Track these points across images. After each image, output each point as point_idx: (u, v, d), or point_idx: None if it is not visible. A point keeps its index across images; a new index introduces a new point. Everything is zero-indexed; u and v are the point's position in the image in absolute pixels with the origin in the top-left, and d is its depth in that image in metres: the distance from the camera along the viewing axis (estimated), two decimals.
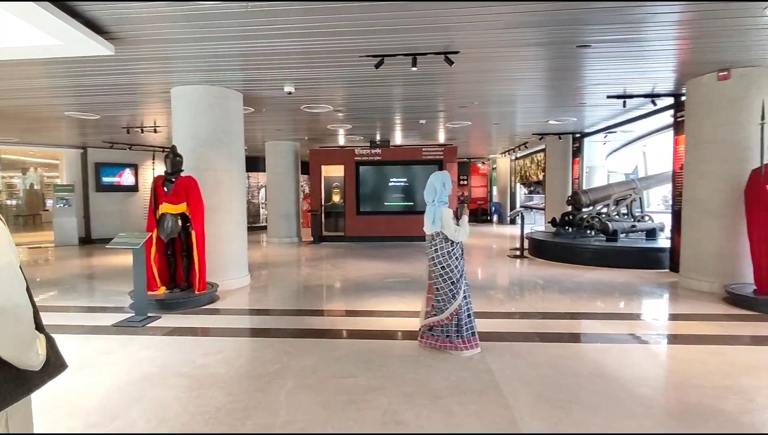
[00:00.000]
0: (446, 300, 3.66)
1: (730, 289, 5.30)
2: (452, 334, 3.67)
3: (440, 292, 3.68)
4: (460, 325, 3.66)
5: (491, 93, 7.13)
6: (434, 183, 3.69)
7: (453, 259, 3.63)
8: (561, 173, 12.42)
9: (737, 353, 3.65)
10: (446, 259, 3.62)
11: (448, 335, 3.68)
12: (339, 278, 7.33)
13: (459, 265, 3.66)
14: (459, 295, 3.63)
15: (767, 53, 5.10)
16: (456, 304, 3.62)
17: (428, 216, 3.69)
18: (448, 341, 3.68)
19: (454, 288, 3.63)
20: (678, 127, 6.96)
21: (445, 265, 3.62)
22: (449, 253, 3.62)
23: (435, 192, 3.67)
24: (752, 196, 5.14)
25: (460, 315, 3.65)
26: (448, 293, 3.65)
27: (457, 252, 3.68)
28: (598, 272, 7.35)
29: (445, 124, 10.30)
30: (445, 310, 3.67)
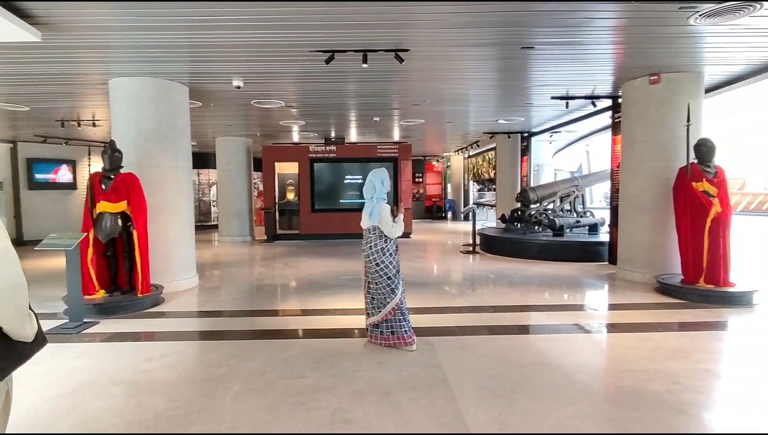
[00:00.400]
0: (385, 295, 3.70)
1: (660, 279, 5.69)
2: (396, 329, 3.71)
3: (378, 288, 3.72)
4: (403, 320, 3.71)
5: (443, 91, 7.25)
6: (373, 180, 3.74)
7: (387, 255, 3.67)
8: (510, 171, 12.85)
9: (665, 339, 3.93)
10: (380, 256, 3.65)
11: (393, 332, 3.72)
12: (292, 277, 7.22)
13: (394, 260, 3.71)
14: (398, 289, 3.69)
15: (692, 60, 5.51)
16: (396, 299, 3.68)
17: (366, 211, 3.76)
18: (395, 338, 3.72)
19: (391, 283, 3.68)
20: (615, 128, 7.39)
21: (379, 261, 3.66)
22: (382, 250, 3.66)
23: (374, 189, 3.73)
24: (679, 193, 5.54)
25: (402, 309, 3.71)
26: (386, 289, 3.68)
27: (391, 248, 3.72)
28: (544, 266, 7.67)
29: (399, 122, 10.37)
30: (385, 306, 3.71)
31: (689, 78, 5.94)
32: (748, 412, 2.66)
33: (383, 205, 3.69)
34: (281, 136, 12.67)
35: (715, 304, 5.00)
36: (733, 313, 4.70)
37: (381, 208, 3.67)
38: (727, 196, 5.33)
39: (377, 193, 3.72)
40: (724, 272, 5.20)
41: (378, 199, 3.72)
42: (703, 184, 5.37)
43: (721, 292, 5.09)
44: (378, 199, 3.71)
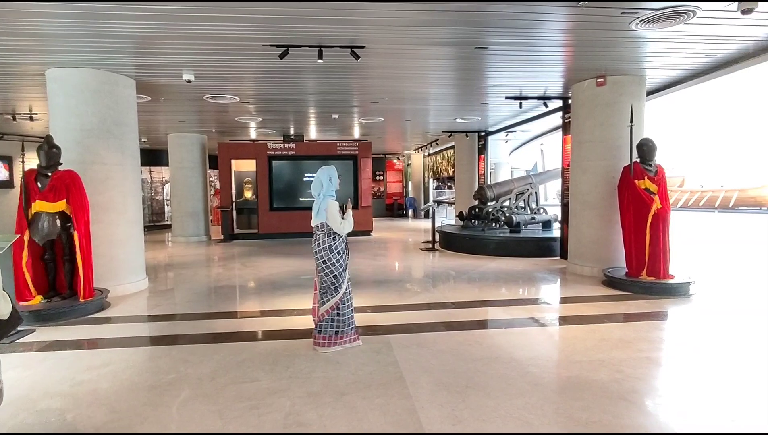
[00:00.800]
0: (329, 293, 3.67)
1: (606, 272, 5.97)
2: (325, 329, 3.66)
3: (322, 286, 3.69)
4: (337, 320, 3.67)
5: (402, 90, 7.27)
6: (321, 177, 3.70)
7: (335, 253, 3.64)
8: (468, 169, 13.10)
9: (610, 330, 4.12)
10: (328, 253, 3.63)
11: (337, 331, 3.68)
12: (249, 277, 7.04)
13: (342, 259, 3.68)
14: (341, 288, 3.66)
15: (635, 64, 5.80)
16: (337, 298, 3.64)
17: (314, 208, 3.72)
18: (339, 337, 3.67)
19: (336, 281, 3.65)
20: (566, 128, 7.67)
21: (326, 258, 3.63)
22: (330, 248, 3.64)
23: (321, 186, 3.69)
24: (623, 190, 5.82)
25: (341, 309, 3.67)
26: (330, 287, 3.66)
27: (340, 246, 3.69)
28: (500, 262, 7.87)
29: (359, 120, 10.33)
30: (323, 305, 3.67)
31: (632, 81, 6.26)
32: (684, 397, 2.83)
33: (330, 201, 3.64)
34: (238, 133, 12.33)
35: (656, 295, 5.29)
36: (672, 304, 5.00)
37: (328, 205, 3.63)
38: (666, 193, 5.66)
39: (324, 190, 3.68)
40: (664, 265, 5.52)
41: (325, 195, 3.68)
42: (645, 181, 5.67)
43: (661, 284, 5.39)
44: (325, 196, 3.67)
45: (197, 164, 12.16)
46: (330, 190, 3.71)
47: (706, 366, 3.31)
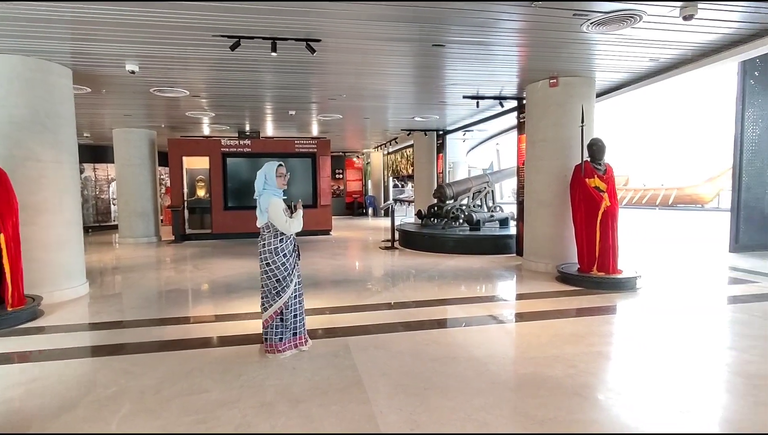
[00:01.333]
0: (271, 298, 3.48)
1: (560, 268, 6.15)
2: (270, 335, 3.50)
3: (265, 290, 3.51)
4: (286, 326, 3.50)
5: (360, 87, 7.17)
6: (259, 175, 3.50)
7: (280, 255, 3.46)
8: (427, 167, 13.19)
9: (564, 325, 4.22)
10: (272, 256, 3.45)
11: (281, 338, 3.51)
12: (202, 280, 6.73)
13: (288, 262, 3.49)
14: (284, 293, 3.46)
15: (585, 66, 5.99)
16: (279, 304, 3.45)
17: (257, 209, 3.53)
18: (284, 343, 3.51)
19: (278, 286, 3.46)
20: (521, 127, 7.84)
21: (270, 261, 3.45)
22: (275, 250, 3.45)
23: (260, 183, 3.49)
24: (575, 189, 6.01)
25: (285, 315, 3.49)
26: (272, 291, 3.47)
27: (287, 248, 3.50)
28: (459, 259, 7.95)
29: (317, 117, 10.13)
30: (267, 310, 3.51)
31: (583, 82, 6.47)
32: (634, 391, 2.91)
33: (272, 199, 3.43)
34: (191, 129, 11.80)
35: (606, 289, 5.49)
36: (621, 298, 5.20)
37: (269, 203, 3.42)
38: (615, 191, 5.89)
39: (264, 188, 3.48)
40: (613, 261, 5.74)
41: (265, 193, 3.46)
42: (595, 180, 5.87)
43: (610, 279, 5.61)
44: (266, 193, 3.46)
45: (145, 161, 11.53)
46: (271, 188, 3.48)
47: (653, 359, 3.43)
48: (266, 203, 3.44)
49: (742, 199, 8.15)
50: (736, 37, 4.85)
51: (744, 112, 8.01)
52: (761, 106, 8.06)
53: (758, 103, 8.04)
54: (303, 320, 3.65)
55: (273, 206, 3.43)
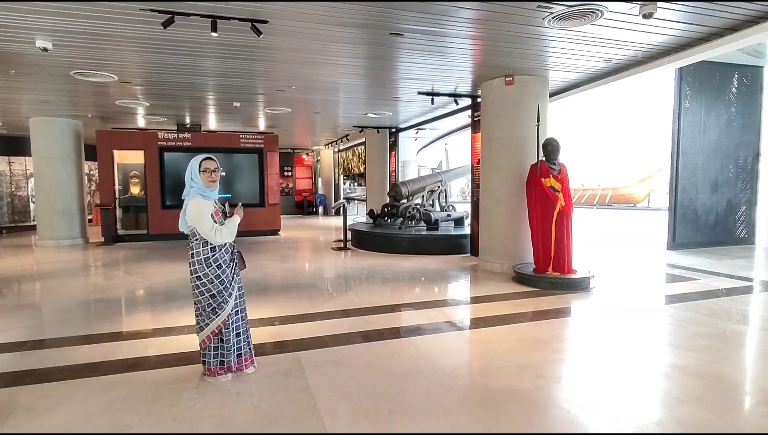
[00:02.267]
0: (206, 316, 3.00)
1: (516, 269, 6.09)
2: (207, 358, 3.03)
3: (198, 307, 3.02)
4: (227, 347, 3.04)
5: (310, 77, 6.75)
6: (186, 170, 2.99)
7: (213, 266, 2.93)
8: (380, 166, 12.94)
9: (527, 330, 4.09)
10: (203, 267, 2.92)
11: (222, 361, 3.05)
12: (133, 287, 6.04)
13: (224, 274, 2.98)
14: (221, 310, 2.97)
15: (540, 64, 5.94)
16: (218, 321, 2.97)
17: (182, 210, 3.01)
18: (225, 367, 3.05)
19: (213, 302, 2.96)
20: (475, 126, 7.76)
21: (201, 274, 2.93)
22: (207, 260, 2.93)
23: (186, 180, 2.98)
24: (531, 188, 5.96)
25: (225, 335, 3.01)
26: (206, 309, 2.98)
27: (221, 258, 2.97)
28: (413, 260, 7.75)
29: (264, 110, 9.55)
30: (203, 329, 3.03)
31: (537, 81, 6.45)
32: (607, 402, 2.78)
33: (195, 199, 2.90)
34: (123, 120, 10.77)
35: (561, 289, 5.48)
36: (577, 298, 5.19)
37: (189, 204, 2.90)
38: (569, 191, 5.90)
39: (188, 186, 2.97)
40: (568, 261, 5.75)
41: (191, 193, 2.94)
42: (550, 180, 5.85)
43: (565, 279, 5.60)
44: (191, 194, 2.94)
45: (69, 154, 10.40)
46: (197, 186, 2.95)
47: (618, 365, 3.35)
48: (187, 203, 2.93)
49: (678, 200, 8.57)
50: (684, 40, 4.96)
51: (680, 117, 8.42)
52: (694, 111, 8.50)
53: (692, 108, 8.47)
54: (248, 338, 3.19)
55: (194, 207, 2.89)
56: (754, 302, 4.94)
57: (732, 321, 4.23)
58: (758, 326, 4.14)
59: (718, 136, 8.73)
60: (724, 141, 8.80)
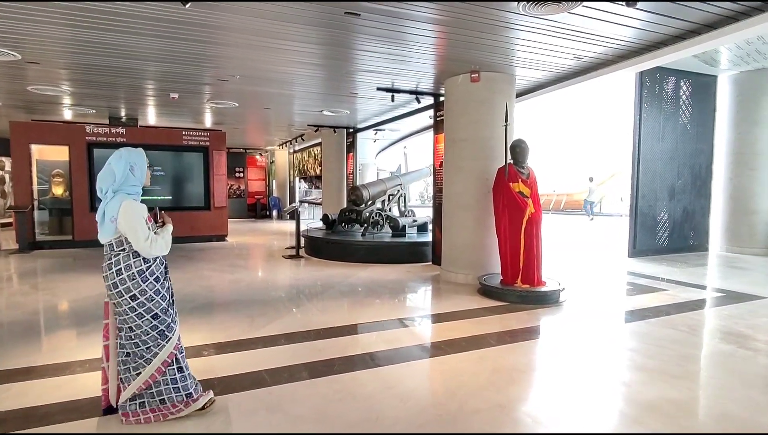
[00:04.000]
0: (149, 345, 2.44)
1: (482, 280, 5.62)
2: (169, 394, 2.48)
3: (135, 336, 2.43)
4: (182, 376, 2.52)
5: (257, 66, 6.00)
6: (113, 163, 2.41)
7: (151, 280, 2.43)
8: (337, 167, 12.29)
9: (500, 356, 3.57)
10: (138, 283, 2.38)
11: (165, 399, 2.47)
12: (37, 307, 5.05)
13: (164, 288, 2.51)
14: (171, 332, 2.50)
15: (507, 59, 5.51)
16: (169, 348, 2.48)
17: (99, 214, 2.41)
18: (169, 407, 2.48)
19: (160, 324, 2.45)
20: (438, 126, 7.29)
21: (137, 291, 2.37)
22: (141, 274, 2.39)
23: (113, 178, 2.39)
24: (499, 193, 5.52)
25: (182, 361, 2.55)
26: (151, 334, 2.43)
27: (158, 269, 2.50)
28: (372, 270, 7.15)
29: (208, 103, 8.65)
30: (149, 363, 2.43)
31: (504, 79, 6.04)
32: None
33: (127, 202, 2.37)
34: (46, 111, 9.49)
35: (531, 304, 5.05)
36: (549, 313, 4.76)
37: (122, 208, 2.34)
38: (538, 196, 5.51)
39: (117, 185, 2.39)
40: (537, 272, 5.34)
41: (121, 192, 2.40)
42: (519, 184, 5.44)
43: (535, 293, 5.18)
44: (122, 193, 2.40)
45: None
46: (128, 184, 2.42)
47: (608, 401, 2.89)
48: (116, 206, 2.35)
49: (639, 207, 8.48)
50: (659, 37, 4.66)
51: (641, 124, 8.34)
52: (654, 118, 8.46)
53: (651, 115, 8.42)
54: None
55: (130, 212, 2.36)
56: (730, 316, 4.70)
57: (716, 339, 3.93)
58: (748, 346, 3.84)
59: (675, 143, 8.74)
60: (681, 148, 8.83)
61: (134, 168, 2.45)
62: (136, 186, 2.48)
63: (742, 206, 8.85)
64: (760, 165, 8.71)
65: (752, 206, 8.76)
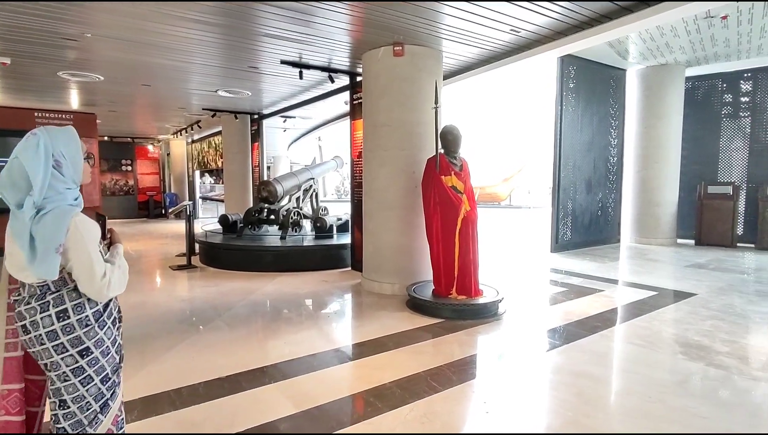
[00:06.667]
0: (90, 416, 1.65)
1: (411, 292, 4.75)
2: None
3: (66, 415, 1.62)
4: None
5: (118, 21, 4.50)
6: (23, 156, 1.52)
7: (108, 326, 1.69)
8: (240, 159, 10.77)
9: (444, 409, 2.69)
10: (94, 332, 1.63)
11: None
12: None
13: (119, 335, 1.78)
14: (116, 397, 1.72)
15: (436, 30, 4.67)
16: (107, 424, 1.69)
17: (18, 236, 1.52)
18: None
19: (107, 391, 1.68)
20: (355, 111, 6.29)
21: (92, 343, 1.62)
22: (97, 316, 1.65)
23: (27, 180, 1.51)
24: (429, 188, 4.67)
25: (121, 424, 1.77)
26: (92, 404, 1.64)
27: (115, 308, 1.77)
28: (281, 280, 5.98)
29: (59, 75, 6.77)
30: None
31: (431, 54, 5.20)
32: None
33: (78, 217, 1.57)
34: None
35: (469, 318, 4.28)
36: (489, 331, 4.01)
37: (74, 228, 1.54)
38: (472, 192, 4.75)
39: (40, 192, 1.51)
40: (474, 280, 4.59)
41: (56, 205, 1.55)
42: (452, 178, 4.63)
43: (472, 305, 4.41)
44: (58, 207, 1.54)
45: None
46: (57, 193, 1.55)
47: None
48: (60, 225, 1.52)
49: (560, 200, 8.26)
50: (605, 10, 4.11)
51: (563, 115, 8.09)
52: (573, 109, 8.27)
53: (571, 106, 8.22)
54: None
55: (83, 232, 1.56)
56: (676, 320, 4.34)
57: (678, 354, 3.43)
58: (715, 362, 3.38)
59: (591, 135, 8.67)
60: (596, 141, 8.79)
61: (61, 162, 1.57)
62: (72, 188, 1.61)
63: (648, 198, 9.07)
64: (664, 158, 8.98)
65: (657, 198, 9.01)
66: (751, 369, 3.17)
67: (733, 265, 6.82)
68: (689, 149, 9.25)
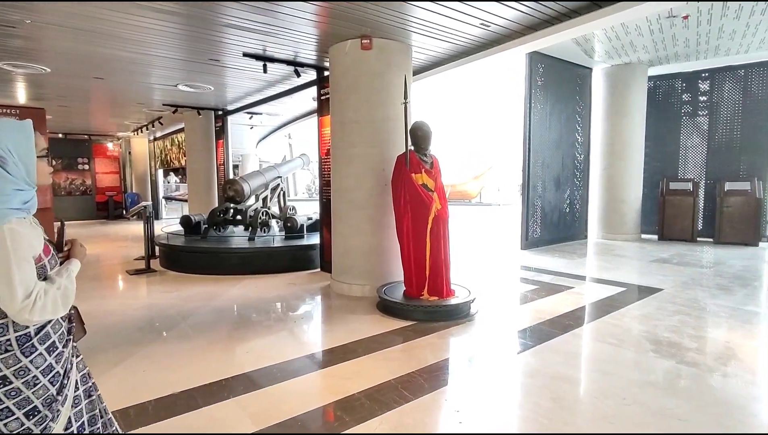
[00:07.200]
0: None
1: (381, 293, 4.60)
2: None
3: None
4: None
5: (59, 6, 4.14)
6: None
7: (40, 353, 1.43)
8: (204, 157, 10.35)
9: (416, 419, 2.55)
10: (16, 358, 1.38)
11: None
12: None
13: (60, 362, 1.47)
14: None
15: (405, 23, 4.53)
16: None
17: None
18: None
19: (30, 424, 1.40)
20: (323, 107, 6.09)
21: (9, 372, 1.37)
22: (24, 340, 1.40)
23: None
24: (399, 187, 4.52)
25: None
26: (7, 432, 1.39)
27: (55, 331, 1.48)
28: (247, 283, 5.72)
29: (3, 64, 6.25)
30: None
31: (400, 49, 5.06)
32: None
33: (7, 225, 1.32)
34: None
35: (441, 320, 4.17)
36: (461, 333, 3.92)
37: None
38: (443, 190, 4.63)
39: None
40: (446, 280, 4.48)
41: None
42: (422, 176, 4.50)
43: (444, 306, 4.30)
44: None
45: None
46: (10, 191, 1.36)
47: None
48: None
49: (530, 198, 8.30)
50: (575, 6, 4.07)
51: (531, 112, 8.12)
52: (542, 106, 8.31)
53: (540, 103, 8.26)
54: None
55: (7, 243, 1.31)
56: (645, 316, 4.36)
57: (650, 353, 3.41)
58: (687, 360, 3.38)
59: (559, 133, 8.75)
60: (564, 138, 8.88)
61: (6, 158, 1.35)
62: (24, 190, 1.39)
63: (613, 195, 9.25)
64: (628, 155, 9.17)
65: (622, 195, 9.20)
66: (719, 365, 3.18)
67: (695, 260, 7.00)
68: (651, 147, 9.49)
